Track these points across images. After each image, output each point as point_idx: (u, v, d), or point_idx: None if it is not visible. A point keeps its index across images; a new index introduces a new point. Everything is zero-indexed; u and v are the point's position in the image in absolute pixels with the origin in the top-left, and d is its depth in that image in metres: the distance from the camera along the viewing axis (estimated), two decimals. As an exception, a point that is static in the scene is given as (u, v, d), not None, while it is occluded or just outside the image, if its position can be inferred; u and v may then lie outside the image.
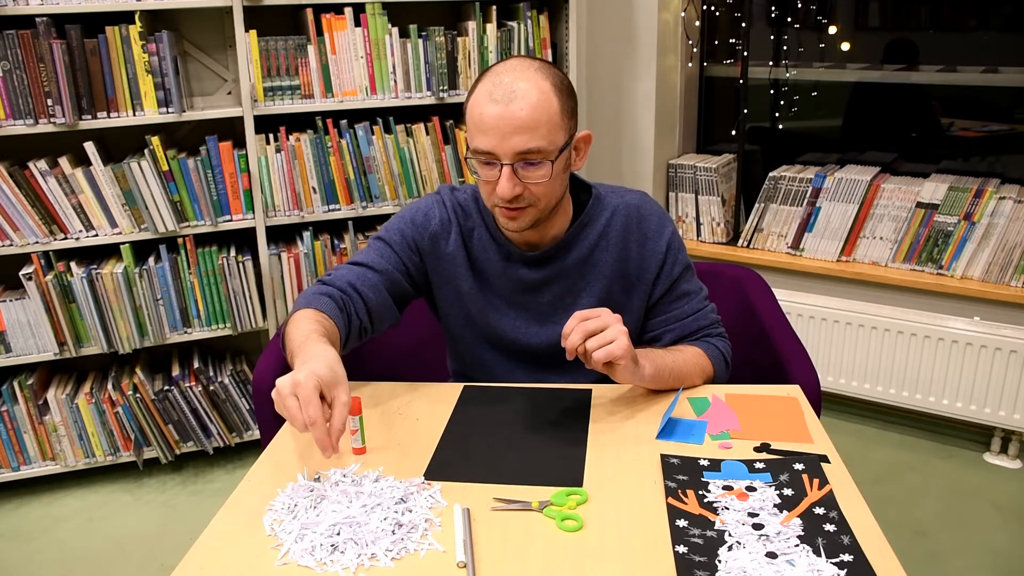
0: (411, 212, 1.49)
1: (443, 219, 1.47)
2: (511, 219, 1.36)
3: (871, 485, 2.46)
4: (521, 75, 1.30)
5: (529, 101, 1.27)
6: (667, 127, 3.11)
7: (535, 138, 1.28)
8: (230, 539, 1.04)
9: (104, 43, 2.27)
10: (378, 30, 2.50)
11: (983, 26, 2.77)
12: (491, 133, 1.28)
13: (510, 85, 1.28)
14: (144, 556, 2.25)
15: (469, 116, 1.32)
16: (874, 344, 2.64)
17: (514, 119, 1.27)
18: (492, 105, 1.28)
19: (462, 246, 1.47)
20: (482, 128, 1.29)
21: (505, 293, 1.48)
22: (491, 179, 1.32)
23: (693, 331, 1.47)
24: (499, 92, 1.28)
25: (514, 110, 1.27)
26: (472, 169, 1.36)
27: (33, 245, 2.35)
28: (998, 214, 2.53)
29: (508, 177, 1.29)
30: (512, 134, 1.27)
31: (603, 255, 1.45)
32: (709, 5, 3.07)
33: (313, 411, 1.06)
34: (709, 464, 1.16)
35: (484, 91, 1.30)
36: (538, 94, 1.28)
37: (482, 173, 1.33)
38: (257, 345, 2.80)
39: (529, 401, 1.38)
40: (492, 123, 1.28)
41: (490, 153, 1.30)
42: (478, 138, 1.30)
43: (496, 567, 0.97)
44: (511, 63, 1.33)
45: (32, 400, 2.45)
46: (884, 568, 0.94)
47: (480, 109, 1.29)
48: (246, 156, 2.45)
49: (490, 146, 1.29)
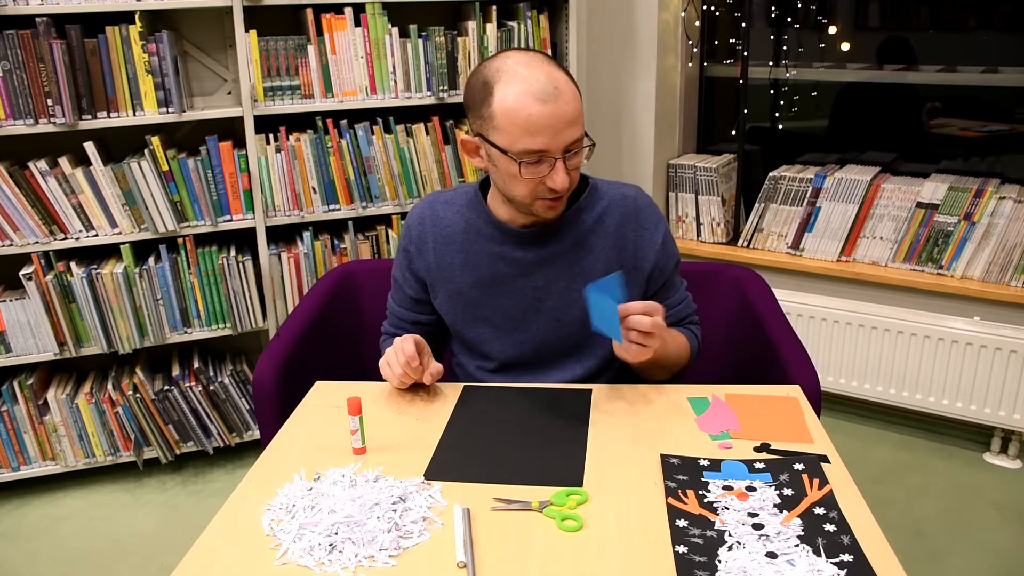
0: (401, 238, 1.59)
1: (420, 235, 1.54)
2: (553, 208, 1.39)
3: (871, 485, 2.46)
4: (546, 70, 1.31)
5: (571, 94, 1.31)
6: (667, 127, 3.11)
7: (579, 128, 1.33)
8: (230, 539, 1.04)
9: (104, 43, 2.27)
10: (378, 30, 2.50)
11: (983, 26, 2.77)
12: (544, 132, 1.29)
13: (548, 82, 1.29)
14: (144, 556, 2.25)
15: (506, 118, 1.30)
16: (874, 344, 2.64)
17: (564, 115, 1.30)
18: (541, 105, 1.28)
19: (448, 248, 1.51)
20: (533, 129, 1.29)
21: (499, 279, 1.49)
22: (538, 176, 1.33)
23: (681, 319, 1.56)
24: (542, 91, 1.28)
25: (562, 106, 1.29)
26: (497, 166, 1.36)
27: (33, 245, 2.35)
28: (998, 214, 2.53)
29: (563, 170, 1.32)
30: (563, 129, 1.30)
31: (599, 240, 1.47)
32: (709, 5, 3.07)
33: (409, 349, 1.35)
34: (709, 464, 1.16)
35: (523, 91, 1.29)
36: (569, 86, 1.32)
37: (529, 172, 1.33)
38: (257, 345, 2.80)
39: (529, 401, 1.38)
40: (546, 122, 1.29)
41: (543, 152, 1.31)
42: (525, 140, 1.30)
43: (496, 567, 0.97)
44: (522, 58, 1.33)
45: (32, 400, 2.45)
46: (884, 568, 0.94)
47: (527, 111, 1.28)
48: (246, 156, 2.45)
49: (544, 145, 1.30)
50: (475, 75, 1.36)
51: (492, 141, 1.34)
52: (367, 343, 1.95)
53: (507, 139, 1.31)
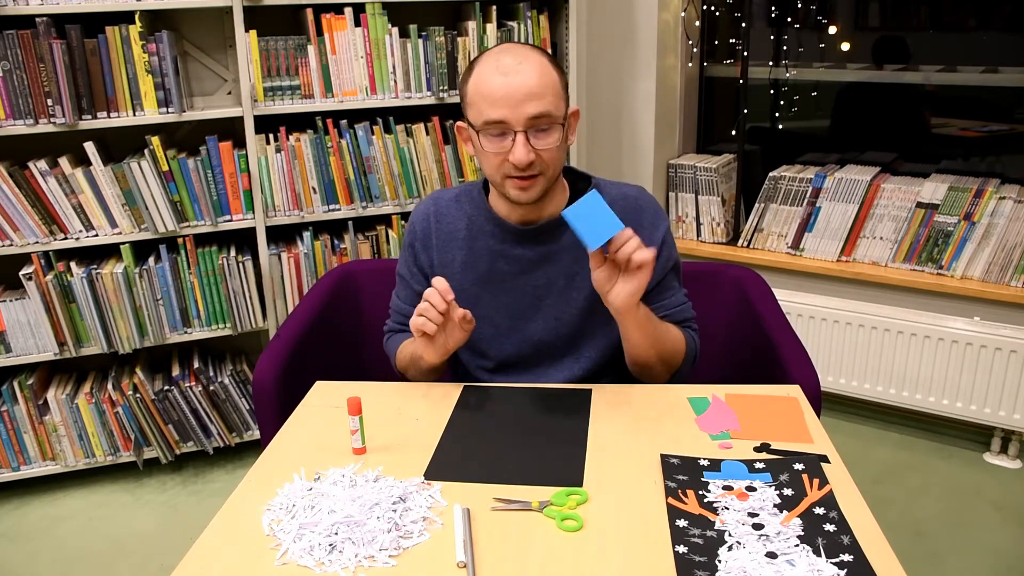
0: (406, 235, 1.59)
1: (425, 231, 1.55)
2: (523, 189, 1.39)
3: (871, 485, 2.46)
4: (519, 51, 1.36)
5: (536, 69, 1.33)
6: (667, 127, 3.11)
7: (545, 103, 1.33)
8: (230, 539, 1.04)
9: (104, 43, 2.27)
10: (378, 30, 2.50)
11: (983, 26, 2.77)
12: (502, 103, 1.32)
13: (514, 59, 1.34)
14: (144, 556, 2.25)
15: (475, 92, 1.35)
16: (874, 344, 2.64)
17: (524, 86, 1.32)
18: (500, 76, 1.32)
19: (451, 245, 1.52)
20: (492, 99, 1.32)
21: (499, 276, 1.49)
22: (502, 151, 1.35)
23: (679, 321, 1.55)
24: (504, 66, 1.33)
25: (523, 78, 1.32)
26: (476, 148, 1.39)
27: (33, 245, 2.35)
28: (998, 214, 2.53)
29: (523, 143, 1.33)
30: (524, 100, 1.32)
31: None
32: (709, 5, 3.07)
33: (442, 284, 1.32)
34: (709, 464, 1.16)
35: (488, 68, 1.34)
36: (540, 64, 1.35)
37: (492, 146, 1.36)
38: (257, 345, 2.80)
39: (529, 401, 1.38)
40: (504, 91, 1.31)
41: (502, 122, 1.33)
42: (487, 110, 1.33)
43: (496, 567, 0.97)
44: (504, 46, 1.39)
45: (32, 400, 2.45)
46: (884, 568, 0.94)
47: (488, 82, 1.33)
48: (246, 156, 2.45)
49: (502, 115, 1.32)
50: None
51: (469, 121, 1.39)
52: (367, 343, 1.95)
53: (474, 113, 1.37)
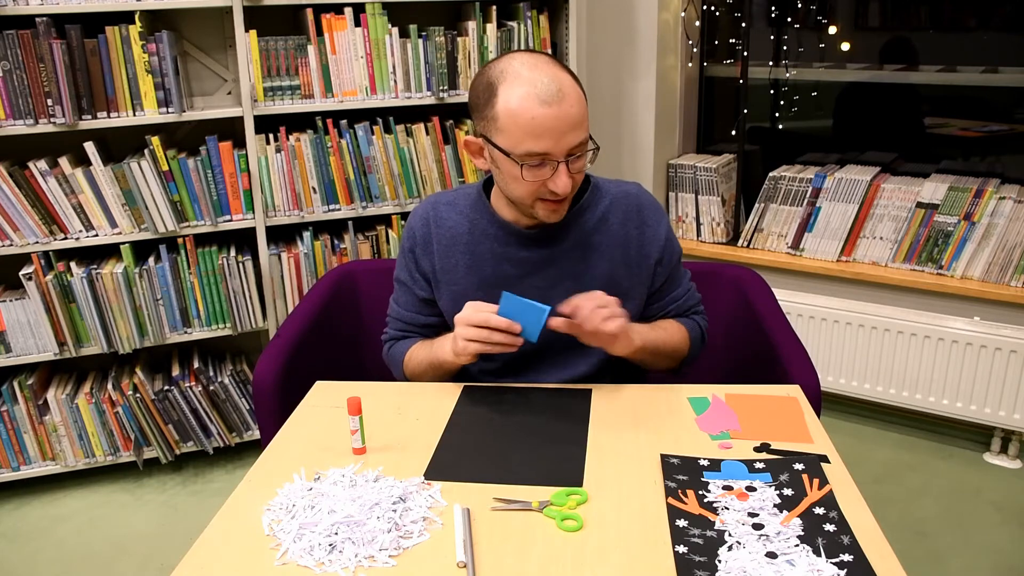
0: (404, 240, 1.57)
1: (424, 236, 1.54)
2: (556, 211, 1.39)
3: (871, 485, 2.46)
4: (551, 72, 1.30)
5: (575, 97, 1.30)
6: (667, 127, 3.11)
7: (583, 132, 1.32)
8: (230, 539, 1.04)
9: (104, 43, 2.27)
10: (378, 30, 2.50)
11: (983, 26, 2.77)
12: (547, 135, 1.28)
13: (552, 84, 1.28)
14: (144, 556, 2.25)
15: (510, 119, 1.30)
16: (874, 344, 2.64)
17: (568, 118, 1.29)
18: (545, 107, 1.27)
19: (453, 249, 1.51)
20: (536, 132, 1.28)
21: (504, 279, 1.48)
22: (540, 178, 1.33)
23: (685, 310, 1.57)
24: (546, 93, 1.28)
25: (566, 109, 1.28)
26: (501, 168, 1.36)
27: (33, 245, 2.35)
28: (998, 214, 2.53)
29: (566, 173, 1.32)
30: (567, 132, 1.29)
31: (602, 239, 1.48)
32: (709, 5, 3.07)
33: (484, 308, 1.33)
34: (709, 464, 1.16)
35: (526, 94, 1.28)
36: (575, 88, 1.32)
37: (531, 175, 1.32)
38: (257, 345, 2.80)
39: (529, 401, 1.38)
40: (550, 124, 1.28)
41: (545, 155, 1.30)
42: (529, 142, 1.29)
43: (496, 567, 0.97)
44: (527, 59, 1.32)
45: (32, 400, 2.45)
46: (884, 568, 0.94)
47: (530, 113, 1.28)
48: (246, 156, 2.45)
49: (547, 148, 1.29)
50: (480, 76, 1.36)
51: (495, 143, 1.34)
52: (367, 343, 1.95)
53: (510, 141, 1.31)
